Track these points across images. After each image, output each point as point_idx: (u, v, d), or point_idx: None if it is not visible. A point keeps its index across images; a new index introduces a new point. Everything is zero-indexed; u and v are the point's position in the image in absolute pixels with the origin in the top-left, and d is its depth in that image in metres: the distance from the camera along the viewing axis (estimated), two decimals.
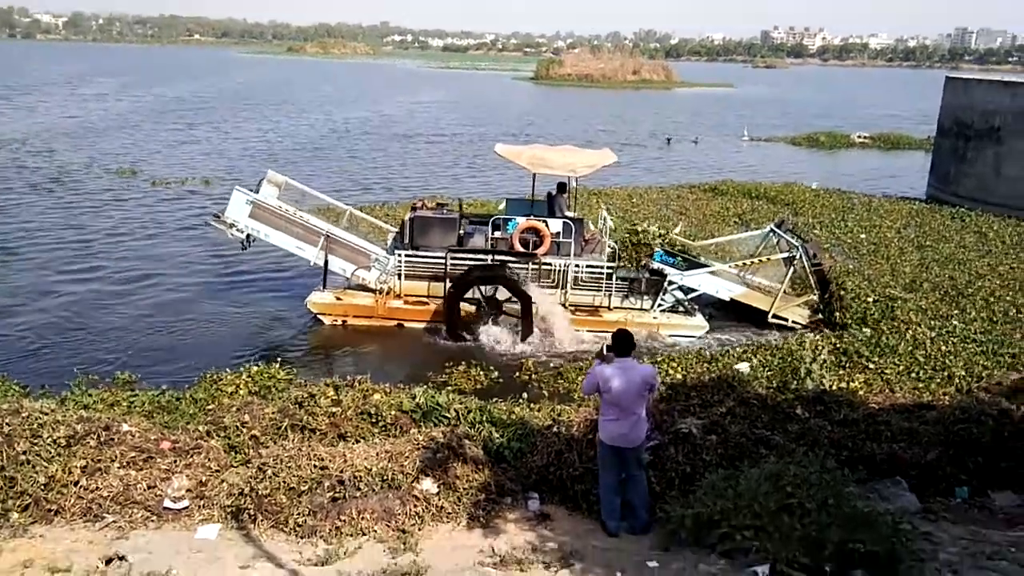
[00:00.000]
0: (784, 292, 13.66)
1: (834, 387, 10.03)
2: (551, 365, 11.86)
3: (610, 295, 13.52)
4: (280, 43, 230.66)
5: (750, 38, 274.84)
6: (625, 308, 13.61)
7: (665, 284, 13.49)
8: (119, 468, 6.29)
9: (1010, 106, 23.88)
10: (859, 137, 45.01)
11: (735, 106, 70.34)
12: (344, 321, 13.44)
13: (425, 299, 13.45)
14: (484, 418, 8.16)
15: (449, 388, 10.29)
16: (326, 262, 13.39)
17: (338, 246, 13.55)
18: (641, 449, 6.19)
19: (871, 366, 11.04)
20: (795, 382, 9.94)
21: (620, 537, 6.05)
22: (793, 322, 13.61)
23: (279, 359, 10.63)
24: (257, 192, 13.64)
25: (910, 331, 12.24)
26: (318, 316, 13.46)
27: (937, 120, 28.48)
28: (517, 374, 11.49)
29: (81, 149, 31.96)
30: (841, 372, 10.84)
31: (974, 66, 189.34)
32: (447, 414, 8.03)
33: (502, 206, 15.76)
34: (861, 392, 9.99)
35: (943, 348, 11.62)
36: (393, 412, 7.80)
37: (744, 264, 14.15)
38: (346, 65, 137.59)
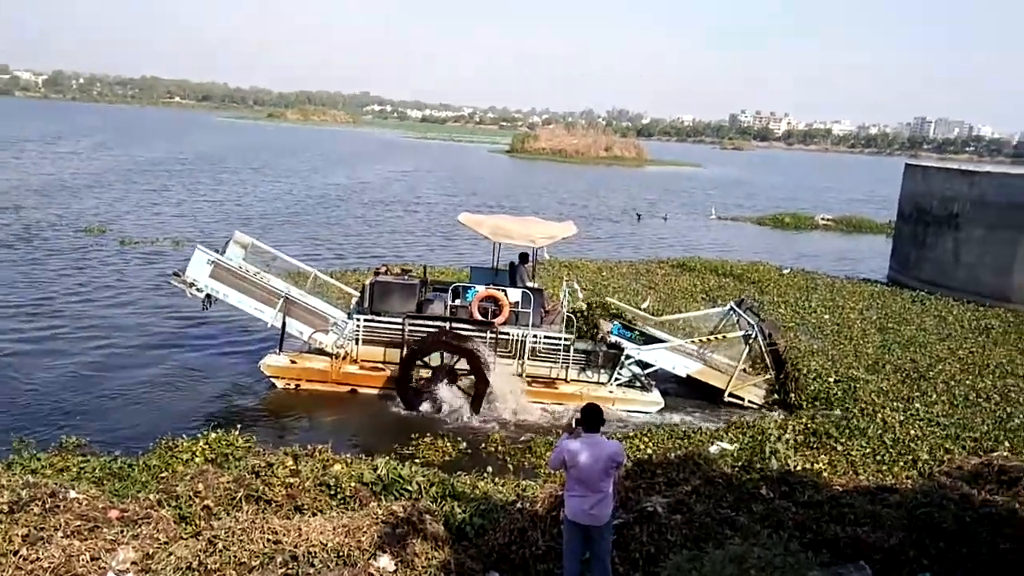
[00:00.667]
0: (742, 371, 13.70)
1: (799, 467, 10.03)
2: (521, 439, 11.72)
3: (567, 367, 13.48)
4: (261, 109, 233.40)
5: (718, 120, 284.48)
6: (582, 381, 13.57)
7: (622, 358, 13.48)
8: (63, 538, 6.03)
9: (968, 194, 24.83)
10: (823, 219, 46.35)
11: (703, 185, 72.26)
12: (297, 385, 13.31)
13: (381, 365, 13.37)
14: (447, 492, 8.00)
15: (416, 460, 10.12)
16: (283, 324, 13.40)
17: (296, 309, 13.54)
18: (607, 528, 6.09)
19: (838, 447, 11.09)
20: (760, 461, 9.91)
21: None
22: (749, 401, 13.57)
23: (238, 425, 10.38)
24: (223, 252, 13.60)
25: (879, 414, 12.34)
26: (271, 379, 13.33)
27: (898, 205, 29.47)
28: (484, 446, 11.34)
29: (50, 207, 31.68)
30: (807, 452, 10.86)
31: (932, 154, 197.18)
32: (409, 487, 7.86)
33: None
34: (826, 473, 9.99)
35: (910, 431, 11.72)
36: (353, 484, 7.62)
37: (701, 341, 14.19)
38: (325, 132, 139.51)
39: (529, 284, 14.16)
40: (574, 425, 6.18)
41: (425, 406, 12.66)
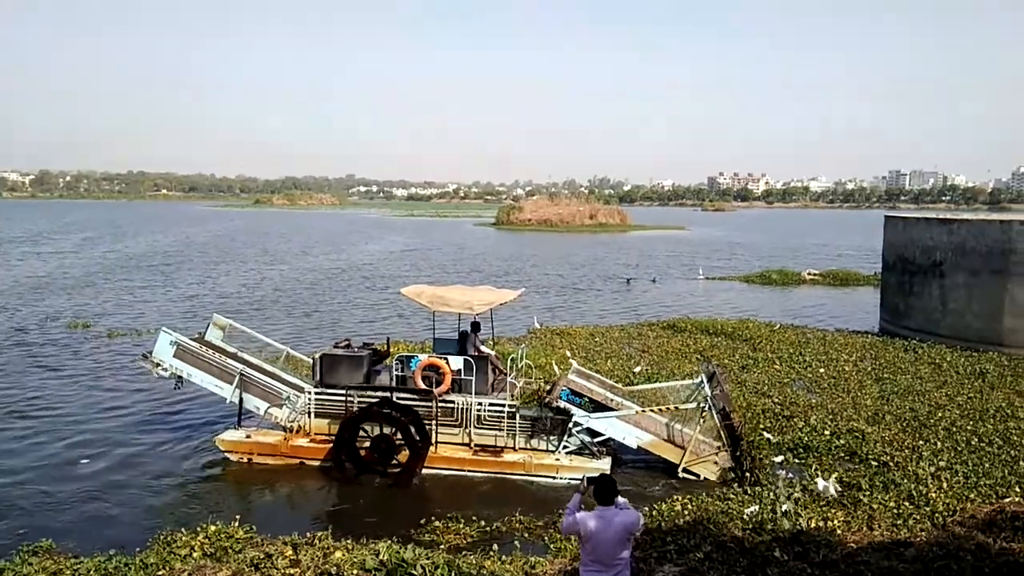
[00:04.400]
0: (705, 445, 13.07)
1: (812, 525, 9.83)
2: (541, 516, 11.29)
3: (514, 435, 13.28)
4: (247, 196, 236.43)
5: (698, 183, 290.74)
6: (529, 449, 13.33)
7: (570, 425, 13.11)
8: None
9: (948, 242, 25.21)
10: (809, 274, 46.80)
11: (689, 247, 73.13)
12: (250, 459, 13.63)
13: (330, 437, 13.40)
14: (452, 574, 7.76)
15: (423, 541, 9.93)
16: (240, 401, 13.91)
17: (252, 385, 14.06)
18: None
19: (846, 503, 10.89)
20: (771, 523, 9.72)
21: None
22: (704, 478, 12.94)
23: (238, 517, 10.11)
24: (204, 334, 14.57)
25: (891, 467, 12.08)
26: (226, 454, 13.71)
27: (882, 256, 29.83)
28: (497, 525, 11.07)
29: (36, 305, 31.63)
30: (818, 509, 10.66)
31: (910, 205, 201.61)
32: (413, 571, 7.63)
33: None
34: (839, 530, 9.79)
35: (920, 483, 11.54)
36: (355, 571, 7.39)
37: (655, 410, 13.45)
38: (313, 215, 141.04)
39: (485, 351, 14.22)
40: (585, 484, 6.07)
41: (378, 474, 12.82)
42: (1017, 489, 11.53)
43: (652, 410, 13.46)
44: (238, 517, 9.98)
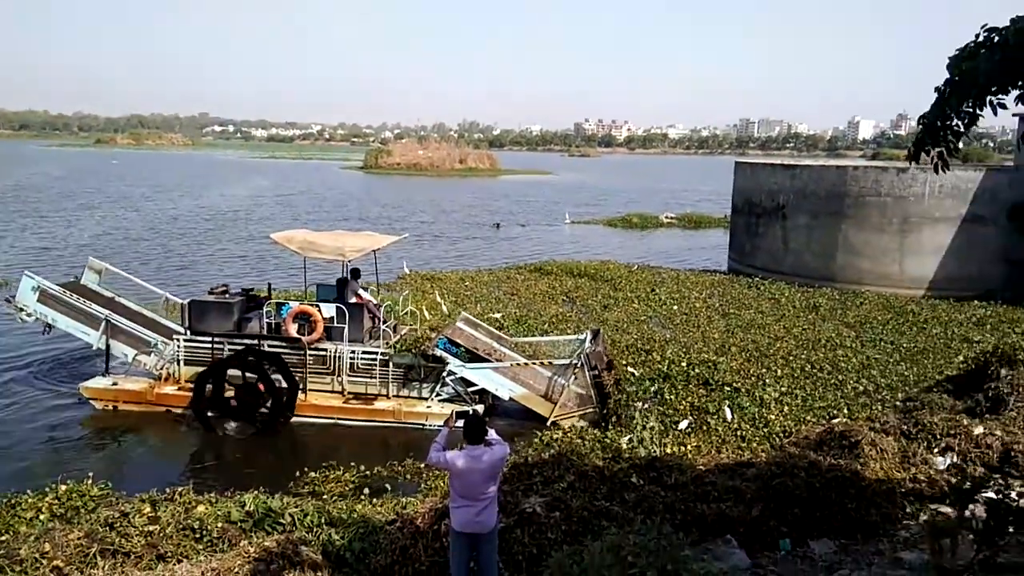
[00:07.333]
0: (574, 400, 13.16)
1: (667, 451, 10.55)
2: (414, 462, 11.33)
3: (387, 383, 13.31)
4: (87, 135, 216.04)
5: (565, 130, 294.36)
6: (403, 397, 13.41)
7: (444, 374, 13.15)
8: None
9: (790, 187, 27.09)
10: (667, 218, 49.08)
11: (557, 192, 74.41)
12: (115, 407, 13.30)
13: None
14: (323, 520, 7.73)
15: (320, 494, 9.91)
16: (107, 347, 13.60)
17: (119, 331, 13.70)
18: (494, 533, 6.10)
19: (706, 428, 11.73)
20: (629, 452, 10.32)
21: None
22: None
23: (91, 473, 9.55)
24: (81, 278, 14.24)
25: (741, 392, 13.01)
26: (91, 402, 13.35)
27: (732, 200, 31.70)
28: (378, 469, 11.10)
29: None
30: (673, 436, 11.42)
31: (758, 152, 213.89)
32: (281, 520, 7.53)
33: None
34: (690, 456, 10.55)
35: (763, 407, 12.57)
36: (220, 524, 7.20)
37: (524, 364, 13.51)
38: (165, 157, 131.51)
39: (366, 297, 14.04)
40: (454, 418, 6.17)
41: (227, 425, 12.67)
42: (845, 411, 12.84)
43: (521, 365, 13.43)
44: (91, 475, 9.43)
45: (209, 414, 12.58)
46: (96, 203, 50.87)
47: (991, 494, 5.75)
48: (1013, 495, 5.73)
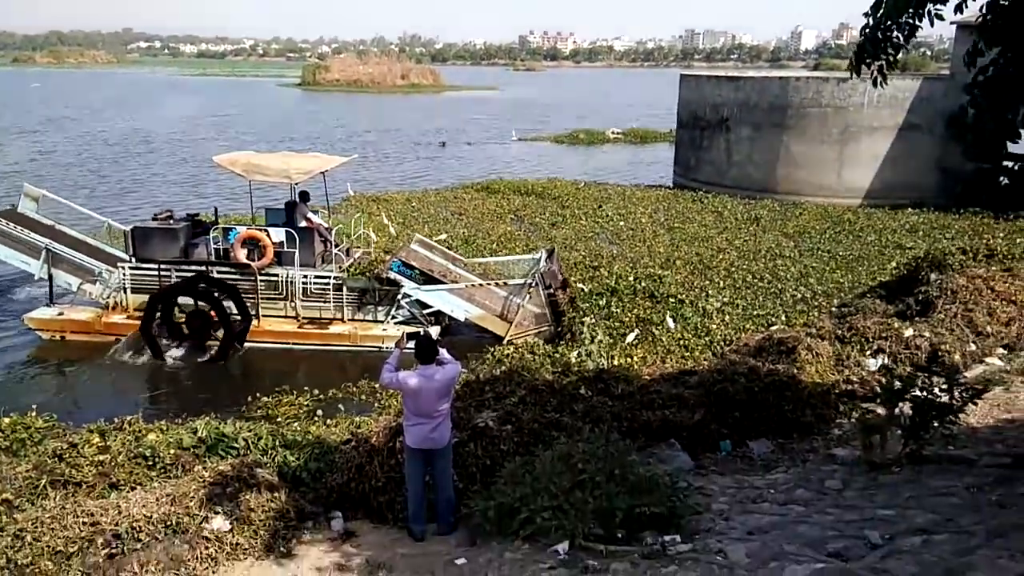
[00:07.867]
0: (529, 319, 13.20)
1: (614, 363, 10.84)
2: (369, 384, 11.38)
3: (341, 307, 13.22)
4: (3, 53, 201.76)
5: (509, 42, 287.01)
6: (358, 320, 13.35)
7: (399, 297, 13.18)
8: None
9: (735, 99, 27.12)
10: (613, 133, 48.83)
11: (503, 108, 73.08)
12: (63, 337, 13.06)
13: None
14: (277, 443, 7.79)
15: (274, 418, 9.96)
16: (50, 277, 13.27)
17: (62, 260, 13.36)
18: (448, 448, 6.23)
19: (648, 341, 12.05)
20: (578, 365, 10.57)
21: (427, 540, 6.08)
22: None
23: (33, 405, 9.37)
24: (18, 206, 13.71)
25: (685, 304, 13.34)
26: (36, 331, 13.09)
27: (676, 114, 31.65)
28: (332, 392, 11.15)
29: None
30: (621, 349, 11.73)
31: (703, 64, 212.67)
32: (235, 444, 7.56)
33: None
34: (636, 366, 10.87)
35: (706, 317, 12.94)
36: (172, 451, 7.19)
37: (478, 285, 13.51)
38: (88, 75, 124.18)
39: (317, 221, 13.70)
40: (405, 339, 6.20)
41: (176, 352, 12.61)
42: (783, 318, 13.32)
43: (477, 285, 13.43)
44: (34, 406, 9.26)
45: (161, 341, 12.40)
46: (20, 126, 48.11)
47: (917, 392, 6.08)
48: (936, 391, 6.08)
